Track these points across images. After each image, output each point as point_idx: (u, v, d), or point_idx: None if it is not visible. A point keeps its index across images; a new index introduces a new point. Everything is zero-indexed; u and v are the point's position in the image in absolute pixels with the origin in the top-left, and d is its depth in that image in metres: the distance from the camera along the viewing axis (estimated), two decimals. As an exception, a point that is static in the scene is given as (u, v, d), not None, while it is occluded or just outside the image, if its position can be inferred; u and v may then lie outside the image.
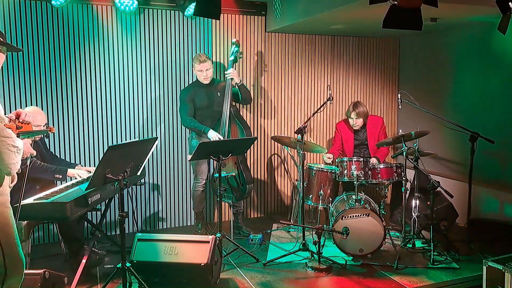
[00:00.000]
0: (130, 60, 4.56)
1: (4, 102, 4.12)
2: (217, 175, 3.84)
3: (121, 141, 4.55)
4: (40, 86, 4.27)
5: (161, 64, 4.69)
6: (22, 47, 4.14)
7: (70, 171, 3.52)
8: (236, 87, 4.37)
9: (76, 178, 3.51)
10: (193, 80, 4.59)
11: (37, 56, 4.23)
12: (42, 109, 4.26)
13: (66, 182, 3.61)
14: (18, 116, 2.29)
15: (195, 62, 4.29)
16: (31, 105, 4.23)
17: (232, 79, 4.34)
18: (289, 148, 4.98)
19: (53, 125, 4.31)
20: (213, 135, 4.23)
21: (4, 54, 2.28)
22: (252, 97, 5.07)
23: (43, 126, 3.46)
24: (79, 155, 4.47)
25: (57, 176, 3.46)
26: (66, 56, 4.33)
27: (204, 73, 4.28)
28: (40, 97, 4.28)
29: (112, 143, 4.53)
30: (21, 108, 4.12)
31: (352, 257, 3.85)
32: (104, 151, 2.72)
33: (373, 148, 4.72)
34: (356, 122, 4.66)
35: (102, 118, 4.53)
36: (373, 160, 4.47)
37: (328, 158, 4.65)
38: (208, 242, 3.25)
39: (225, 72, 4.39)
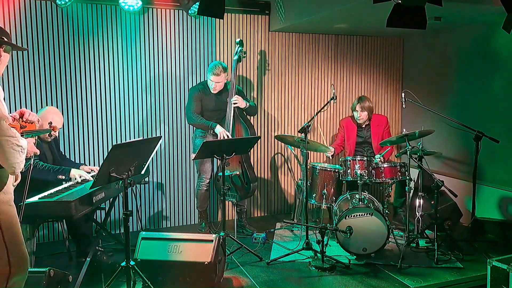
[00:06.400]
0: (134, 59, 4.57)
1: (9, 101, 4.13)
2: (221, 174, 3.85)
3: (125, 140, 4.57)
4: (44, 85, 4.29)
5: (165, 63, 4.70)
6: (27, 47, 4.16)
7: (72, 172, 3.48)
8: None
9: (76, 179, 3.43)
10: (201, 80, 4.62)
11: (41, 55, 4.25)
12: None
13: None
14: (21, 115, 2.30)
15: (210, 72, 4.25)
16: (36, 104, 4.26)
17: (237, 107, 4.31)
18: (292, 147, 4.98)
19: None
20: (220, 131, 4.24)
21: (8, 53, 2.29)
22: (256, 96, 5.09)
23: (48, 124, 3.46)
24: (83, 154, 4.49)
25: (60, 176, 3.42)
26: (70, 56, 4.34)
27: (214, 84, 4.28)
28: (45, 96, 4.30)
29: (117, 142, 4.55)
30: (25, 107, 4.13)
31: (355, 256, 3.85)
32: (109, 150, 2.73)
33: (377, 147, 4.71)
34: (361, 115, 4.65)
35: (106, 117, 4.55)
36: (379, 158, 4.44)
37: (330, 152, 4.64)
38: (212, 240, 3.26)
39: (232, 101, 4.29)
